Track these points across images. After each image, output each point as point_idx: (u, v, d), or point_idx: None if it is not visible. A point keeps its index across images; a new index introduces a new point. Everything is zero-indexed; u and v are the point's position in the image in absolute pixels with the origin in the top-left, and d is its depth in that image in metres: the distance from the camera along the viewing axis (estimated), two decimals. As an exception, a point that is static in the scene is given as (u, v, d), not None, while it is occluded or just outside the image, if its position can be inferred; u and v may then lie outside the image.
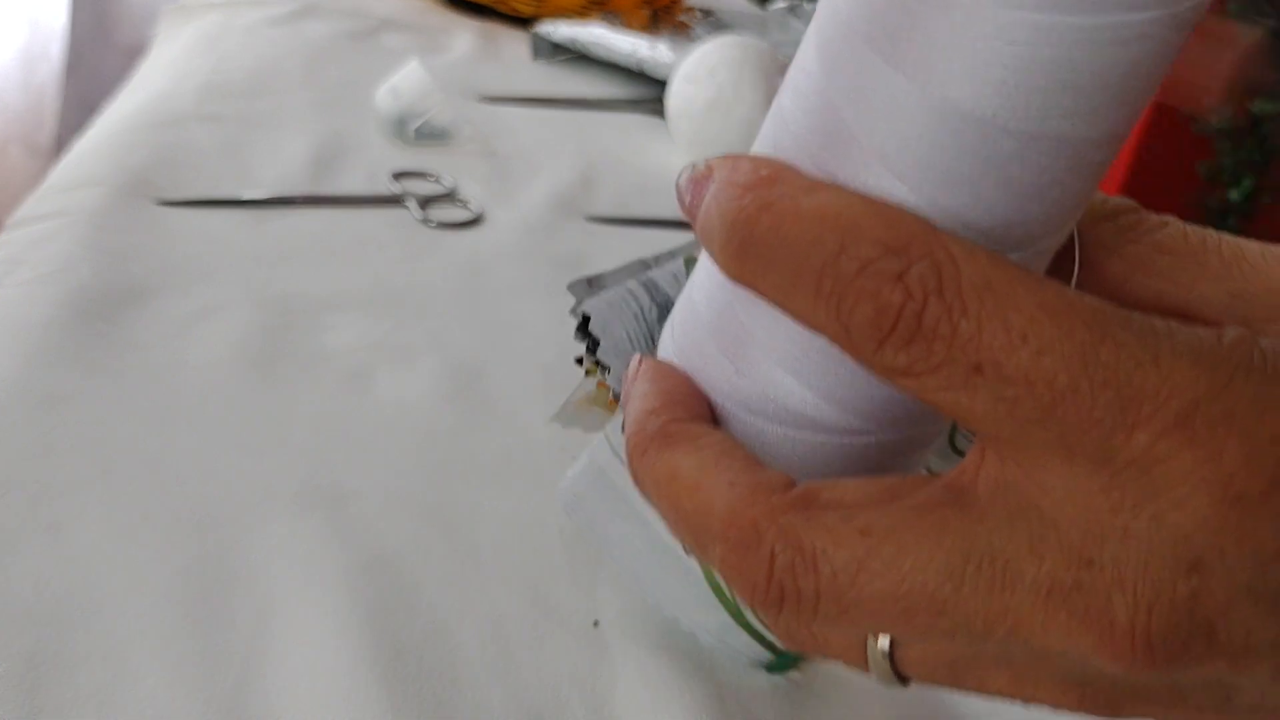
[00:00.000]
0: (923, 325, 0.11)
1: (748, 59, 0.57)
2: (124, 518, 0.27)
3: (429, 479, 0.31)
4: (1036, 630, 0.12)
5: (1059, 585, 0.11)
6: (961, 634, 0.12)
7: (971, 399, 0.11)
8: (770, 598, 0.13)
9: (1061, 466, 0.11)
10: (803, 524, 0.13)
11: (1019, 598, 0.12)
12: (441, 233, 0.47)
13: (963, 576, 0.12)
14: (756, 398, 0.14)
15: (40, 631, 0.23)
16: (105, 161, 0.46)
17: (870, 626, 0.13)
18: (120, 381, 0.32)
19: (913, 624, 0.12)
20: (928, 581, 0.12)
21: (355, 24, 0.74)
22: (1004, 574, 0.12)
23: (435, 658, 0.24)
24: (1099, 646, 0.11)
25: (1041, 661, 0.12)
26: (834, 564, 0.12)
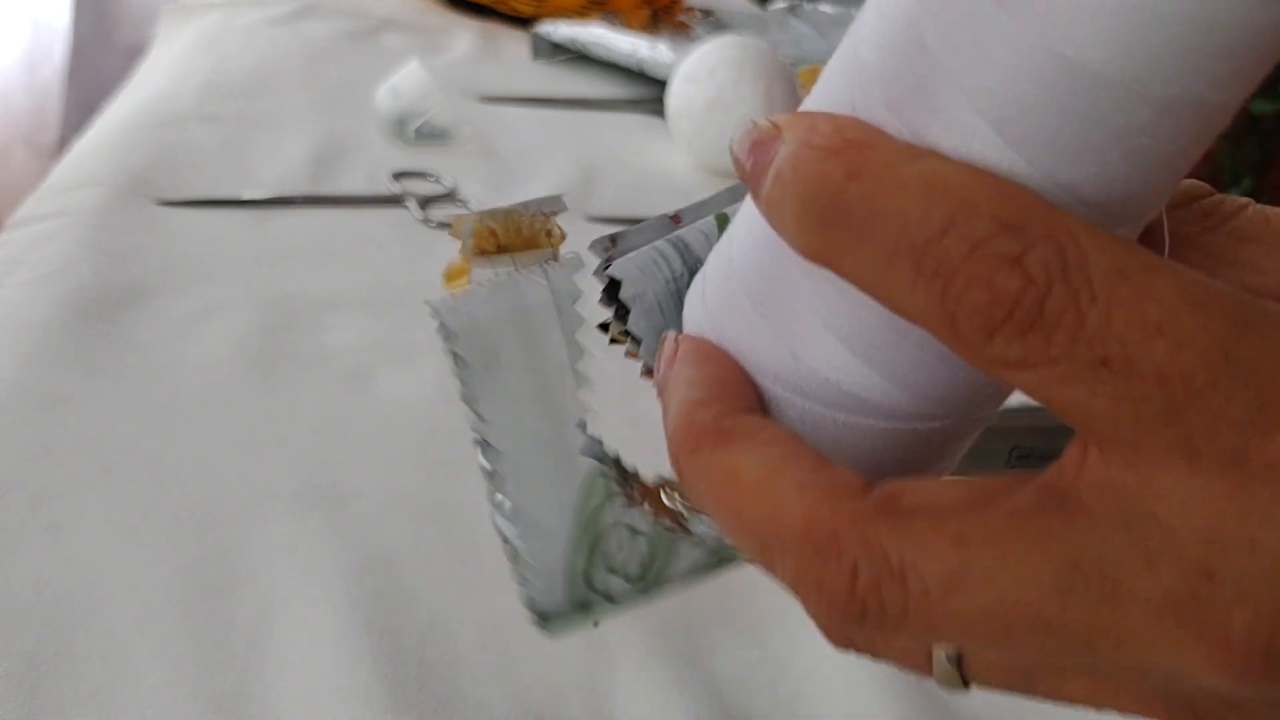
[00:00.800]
0: (1044, 314, 0.10)
1: (748, 59, 0.57)
2: (124, 518, 0.27)
3: (429, 479, 0.31)
4: (1144, 645, 0.11)
5: (1174, 599, 0.10)
6: (1057, 647, 0.11)
7: (1092, 396, 0.10)
8: (851, 614, 0.11)
9: (1184, 469, 0.10)
10: (889, 533, 0.11)
11: (1130, 612, 0.10)
12: (441, 233, 0.47)
13: (1069, 589, 0.11)
14: (812, 381, 0.13)
15: (40, 631, 0.23)
16: (105, 161, 0.46)
17: (962, 642, 0.12)
18: (120, 381, 0.32)
19: (1010, 640, 0.11)
20: (1030, 596, 0.11)
21: (355, 24, 0.74)
22: (1115, 587, 0.10)
23: (435, 658, 0.24)
24: (1210, 661, 0.10)
25: (1133, 673, 0.11)
26: (925, 579, 0.11)
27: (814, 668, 0.25)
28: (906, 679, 0.25)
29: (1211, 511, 0.10)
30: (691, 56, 0.59)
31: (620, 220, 0.51)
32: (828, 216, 0.11)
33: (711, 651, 0.26)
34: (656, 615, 0.27)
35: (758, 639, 0.26)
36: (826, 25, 0.90)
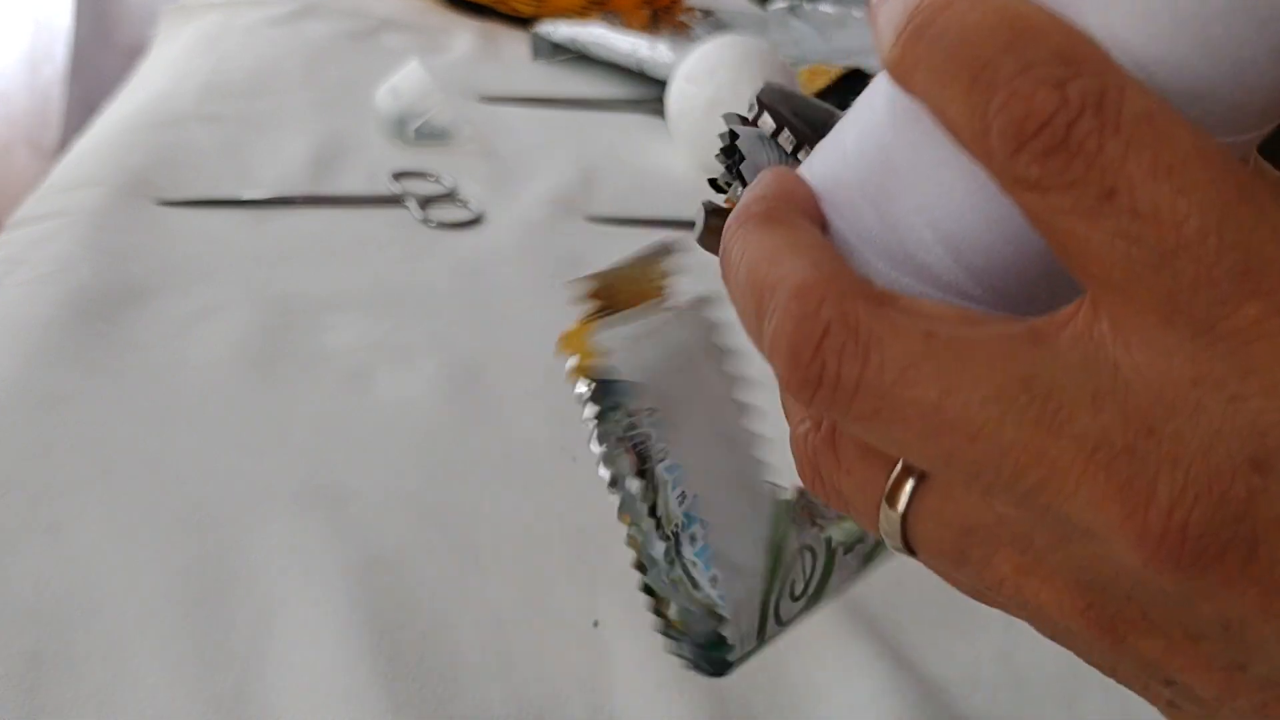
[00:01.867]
0: (1069, 137, 0.10)
1: (748, 59, 0.57)
2: (124, 518, 0.27)
3: (429, 479, 0.31)
4: (1067, 488, 0.11)
5: (1108, 444, 0.10)
6: (987, 475, 0.11)
7: (1092, 228, 0.10)
8: (809, 375, 0.12)
9: (1157, 328, 0.10)
10: (869, 312, 0.12)
11: (1062, 445, 0.11)
12: (441, 233, 0.47)
13: (1011, 405, 0.11)
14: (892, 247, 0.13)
15: (41, 631, 0.23)
16: (105, 161, 0.46)
17: (897, 439, 0.12)
18: (120, 381, 0.32)
19: (942, 444, 0.11)
20: (974, 400, 0.11)
21: (355, 24, 0.74)
22: (1055, 415, 0.11)
23: (435, 657, 0.24)
24: (1125, 523, 0.10)
25: (1058, 546, 0.11)
26: (885, 356, 0.11)
27: (814, 668, 0.25)
28: (906, 680, 0.25)
29: (1170, 370, 0.10)
30: (692, 56, 0.59)
31: (620, 220, 0.51)
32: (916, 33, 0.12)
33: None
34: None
35: (757, 639, 0.26)
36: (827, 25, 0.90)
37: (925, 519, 0.13)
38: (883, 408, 0.12)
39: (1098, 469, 0.10)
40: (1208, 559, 0.10)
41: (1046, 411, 0.11)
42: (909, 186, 0.13)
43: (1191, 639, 0.11)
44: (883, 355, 0.11)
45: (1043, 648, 0.30)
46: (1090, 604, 0.12)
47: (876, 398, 0.12)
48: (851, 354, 0.12)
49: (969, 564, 0.13)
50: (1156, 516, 0.10)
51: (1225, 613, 0.11)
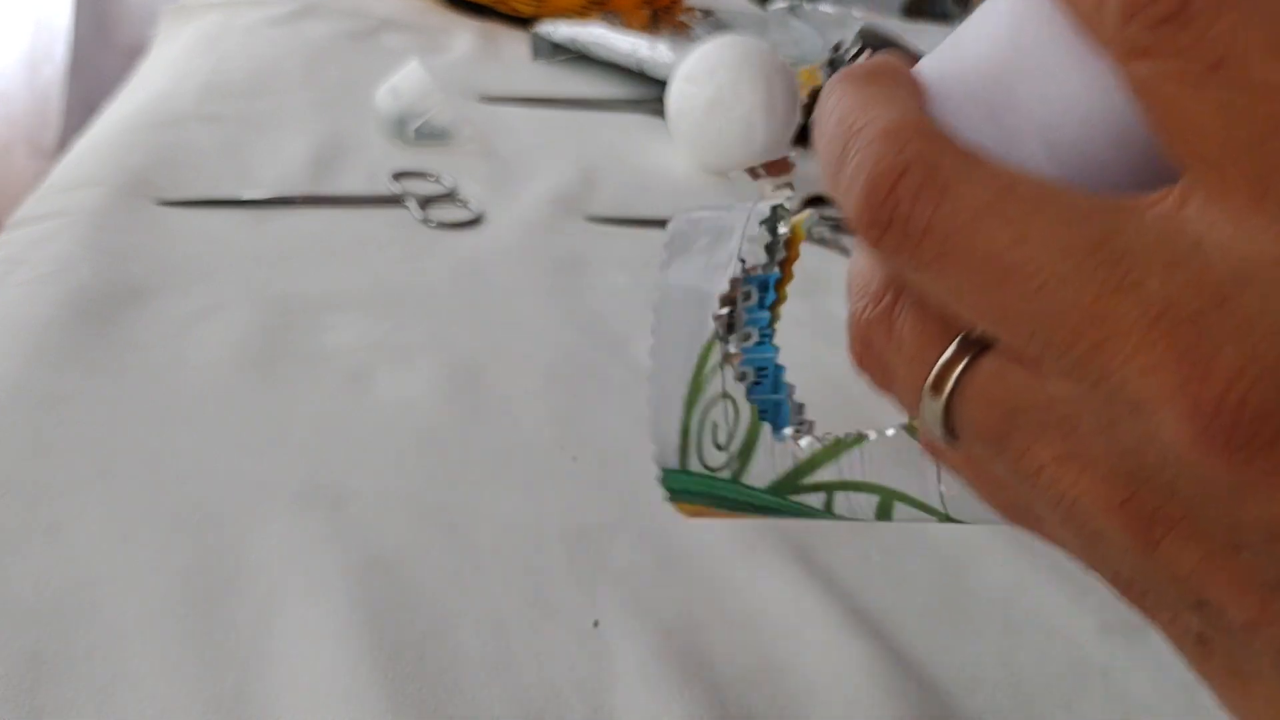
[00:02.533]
0: (1188, 6, 0.10)
1: (748, 59, 0.57)
2: (124, 518, 0.27)
3: (429, 479, 0.31)
4: (1124, 353, 0.10)
5: (1174, 310, 0.10)
6: (1044, 335, 0.11)
7: (1195, 99, 0.10)
8: (881, 214, 0.12)
9: (1246, 207, 0.10)
10: (952, 158, 0.12)
11: (1126, 307, 0.10)
12: (441, 233, 0.47)
13: (1082, 261, 0.11)
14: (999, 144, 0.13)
15: (41, 631, 0.23)
16: (105, 161, 0.46)
17: (958, 290, 0.11)
18: (120, 381, 0.32)
19: (1004, 296, 0.11)
20: (1044, 252, 0.11)
21: (355, 24, 0.74)
22: (1125, 277, 0.10)
23: (435, 658, 0.24)
24: (1179, 394, 0.10)
25: (1104, 430, 0.11)
26: (961, 199, 0.11)
27: (814, 668, 0.25)
28: (906, 680, 0.25)
29: (1253, 249, 0.10)
30: (692, 56, 0.59)
31: (620, 220, 0.51)
32: None
33: (711, 652, 0.26)
34: (656, 615, 0.27)
35: (758, 639, 0.26)
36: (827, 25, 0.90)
37: (972, 399, 0.12)
38: (950, 251, 0.11)
39: (1159, 335, 0.10)
40: (1260, 443, 0.10)
41: (1116, 272, 0.10)
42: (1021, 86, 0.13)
43: (1232, 549, 0.11)
44: (959, 197, 0.11)
45: (1043, 648, 0.30)
46: (1129, 497, 0.11)
47: (945, 240, 0.11)
48: (928, 194, 0.11)
49: (1009, 451, 0.12)
50: (1212, 389, 0.10)
51: (1272, 514, 0.10)
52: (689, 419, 0.21)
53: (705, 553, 0.29)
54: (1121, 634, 0.28)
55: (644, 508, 0.31)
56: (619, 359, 0.39)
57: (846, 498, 0.20)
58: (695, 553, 0.29)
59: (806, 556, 0.29)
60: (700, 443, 0.21)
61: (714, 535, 0.30)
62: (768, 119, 0.56)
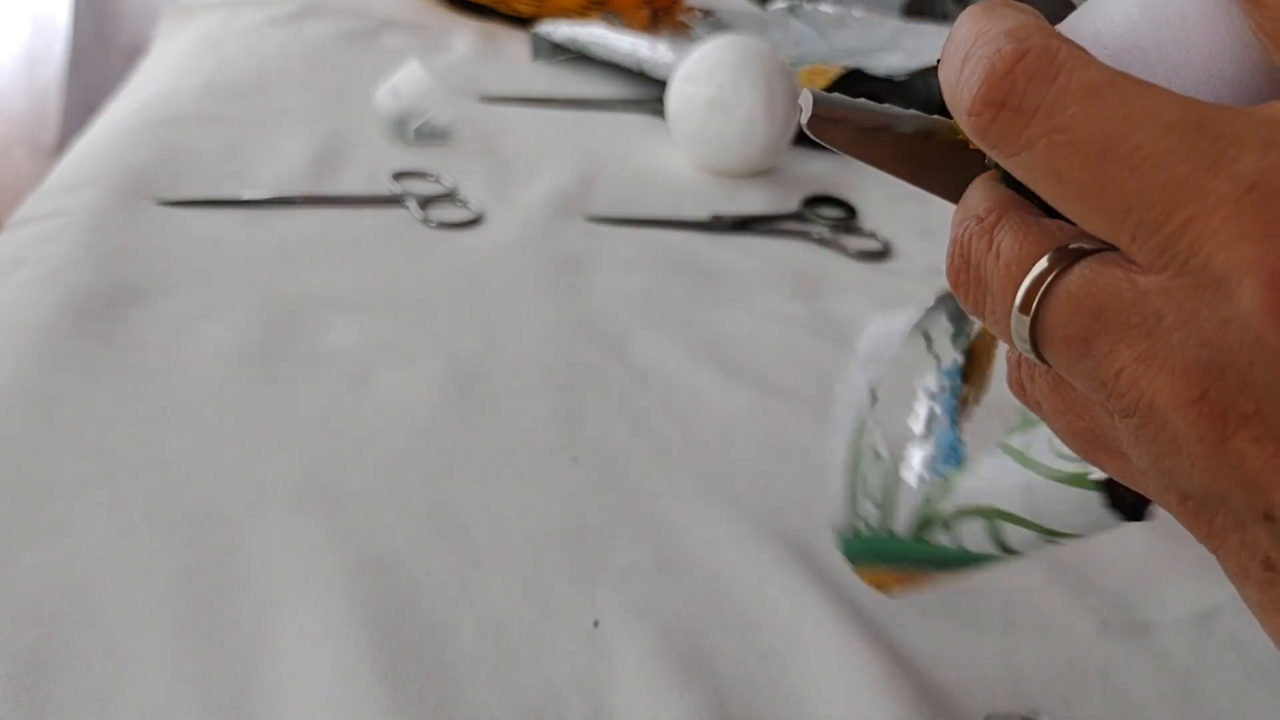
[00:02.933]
0: None
1: (748, 59, 0.57)
2: (124, 517, 0.27)
3: (428, 479, 0.31)
4: (1212, 226, 0.11)
5: (1265, 184, 0.11)
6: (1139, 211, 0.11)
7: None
8: (996, 94, 0.12)
9: None
10: (1069, 48, 0.12)
11: (1219, 181, 0.11)
12: (441, 233, 0.47)
13: (1182, 139, 0.11)
14: None
15: (41, 631, 0.23)
16: (106, 161, 0.46)
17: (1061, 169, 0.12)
18: (121, 381, 0.32)
19: (1104, 172, 0.12)
20: (1146, 130, 0.11)
21: (355, 24, 0.74)
22: (1221, 154, 0.11)
23: (435, 658, 0.24)
24: (1259, 263, 0.10)
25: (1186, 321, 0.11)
26: (1073, 80, 0.12)
27: (814, 668, 0.25)
28: (905, 680, 0.25)
29: None
30: (691, 56, 0.59)
31: (620, 220, 0.51)
32: None
33: (711, 651, 0.26)
34: (656, 615, 0.27)
35: (758, 638, 0.26)
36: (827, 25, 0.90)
37: (1060, 303, 0.13)
38: (1059, 129, 0.12)
39: (1248, 206, 0.11)
40: None
41: (1214, 149, 0.11)
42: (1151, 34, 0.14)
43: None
44: (1071, 78, 0.12)
45: (1043, 648, 0.30)
46: (1204, 393, 0.11)
47: (1055, 116, 0.12)
48: (1044, 73, 0.12)
49: (1091, 355, 0.12)
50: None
51: None
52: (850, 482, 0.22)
53: (705, 553, 0.29)
54: (1121, 634, 0.29)
55: (644, 508, 0.31)
56: (619, 359, 0.39)
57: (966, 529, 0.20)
58: (695, 553, 0.29)
59: (806, 556, 0.29)
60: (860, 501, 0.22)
61: (714, 535, 0.30)
62: (768, 119, 0.56)
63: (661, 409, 0.36)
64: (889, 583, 0.24)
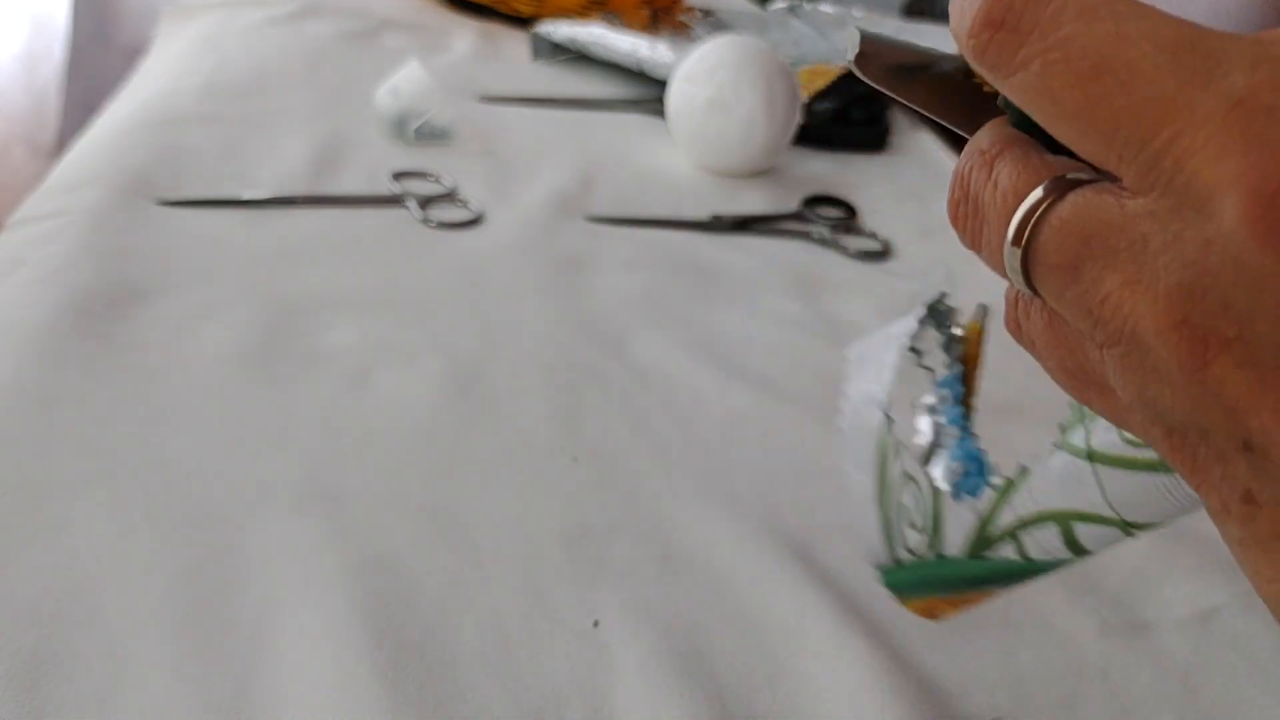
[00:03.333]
0: None
1: (748, 59, 0.57)
2: (124, 517, 0.27)
3: (428, 479, 0.31)
4: (1198, 142, 0.11)
5: (1252, 99, 0.11)
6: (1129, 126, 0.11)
7: None
8: (995, 14, 0.13)
9: None
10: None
11: (1207, 95, 0.11)
12: (441, 232, 0.47)
13: (1173, 55, 0.11)
14: None
15: (42, 631, 0.23)
16: (106, 161, 0.46)
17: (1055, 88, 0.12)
18: (121, 381, 0.32)
19: (1097, 88, 0.12)
20: (1139, 47, 0.11)
21: (355, 24, 0.74)
22: (1211, 71, 0.11)
23: (435, 657, 0.24)
24: (1242, 177, 0.10)
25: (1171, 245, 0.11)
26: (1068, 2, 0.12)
27: (813, 668, 0.25)
28: (905, 680, 0.25)
29: None
30: (691, 56, 0.59)
31: (620, 220, 0.51)
32: None
33: (711, 651, 0.26)
34: (657, 615, 0.27)
35: (757, 639, 0.26)
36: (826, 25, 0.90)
37: (1051, 230, 0.13)
38: (1054, 47, 0.12)
39: (1234, 121, 0.11)
40: None
41: (1204, 66, 0.11)
42: None
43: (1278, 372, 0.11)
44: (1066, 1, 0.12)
45: (1042, 647, 0.30)
46: (1185, 317, 0.11)
47: (1050, 34, 0.12)
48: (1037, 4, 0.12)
49: (1080, 282, 0.12)
50: (1273, 173, 0.10)
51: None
52: (885, 512, 0.22)
53: (705, 553, 0.29)
54: (1121, 634, 0.29)
55: (643, 508, 0.31)
56: (619, 359, 0.39)
57: (1033, 538, 0.20)
58: (695, 553, 0.29)
59: (806, 556, 0.29)
60: (900, 530, 0.22)
61: (714, 535, 0.30)
62: (768, 119, 0.56)
63: (661, 409, 0.36)
64: (942, 608, 0.23)
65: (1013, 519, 0.20)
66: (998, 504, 0.20)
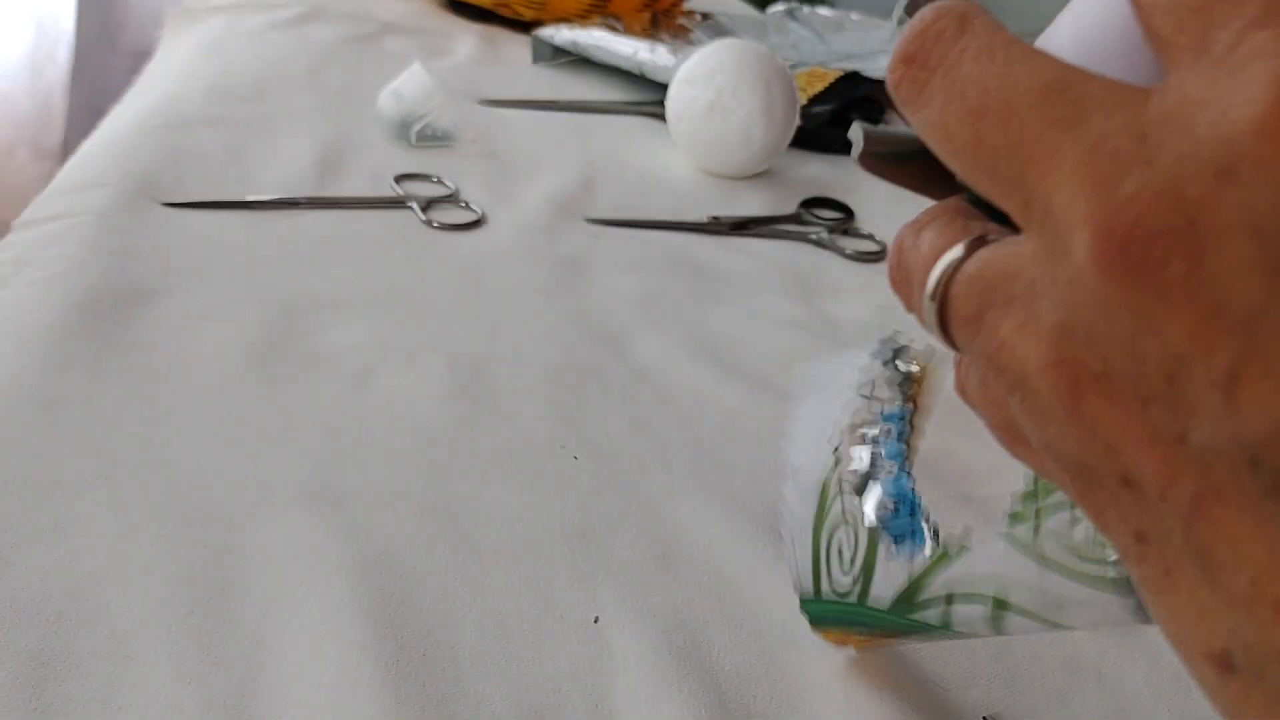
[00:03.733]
0: None
1: (747, 62, 0.57)
2: (129, 516, 0.27)
3: (431, 477, 0.31)
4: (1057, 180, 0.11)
5: (1105, 143, 0.11)
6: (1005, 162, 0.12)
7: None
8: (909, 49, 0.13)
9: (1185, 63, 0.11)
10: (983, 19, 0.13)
11: (1070, 139, 0.11)
12: (444, 234, 0.47)
13: (1047, 98, 0.12)
14: None
15: (46, 629, 0.24)
16: (112, 164, 0.47)
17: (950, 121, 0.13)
18: (125, 381, 0.33)
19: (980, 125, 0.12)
20: (1018, 87, 0.12)
21: (358, 28, 0.75)
22: (1076, 115, 0.11)
23: (437, 654, 0.25)
24: (1090, 216, 0.11)
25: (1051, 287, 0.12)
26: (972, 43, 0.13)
27: (812, 665, 0.26)
28: (901, 675, 0.26)
29: (1179, 94, 0.11)
30: (691, 60, 0.59)
31: (620, 222, 0.51)
32: None
33: (710, 648, 0.26)
34: (656, 611, 0.27)
35: (756, 636, 0.27)
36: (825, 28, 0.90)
37: (960, 284, 0.13)
38: (951, 86, 0.13)
39: (1089, 163, 0.11)
40: (1152, 262, 0.10)
41: (1071, 110, 0.12)
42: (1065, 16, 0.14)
43: (1141, 402, 0.11)
44: (972, 40, 0.13)
45: (1037, 644, 0.30)
46: (1061, 356, 0.12)
47: (950, 74, 0.13)
48: (950, 37, 0.13)
49: (983, 331, 0.13)
50: (1115, 207, 0.11)
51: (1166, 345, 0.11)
52: (817, 546, 0.22)
53: (705, 550, 0.29)
54: (1116, 631, 0.29)
55: (643, 505, 0.31)
56: (619, 359, 0.39)
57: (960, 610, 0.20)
58: (695, 550, 0.29)
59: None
60: (830, 568, 0.22)
61: (713, 532, 0.30)
62: (767, 122, 0.57)
63: (661, 408, 0.36)
64: (855, 642, 0.23)
65: (944, 588, 0.20)
66: (931, 569, 0.20)
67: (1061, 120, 0.12)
